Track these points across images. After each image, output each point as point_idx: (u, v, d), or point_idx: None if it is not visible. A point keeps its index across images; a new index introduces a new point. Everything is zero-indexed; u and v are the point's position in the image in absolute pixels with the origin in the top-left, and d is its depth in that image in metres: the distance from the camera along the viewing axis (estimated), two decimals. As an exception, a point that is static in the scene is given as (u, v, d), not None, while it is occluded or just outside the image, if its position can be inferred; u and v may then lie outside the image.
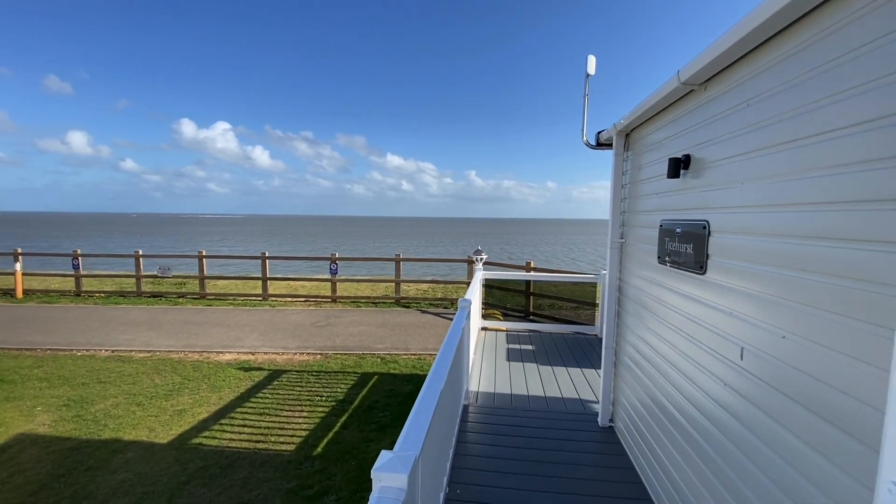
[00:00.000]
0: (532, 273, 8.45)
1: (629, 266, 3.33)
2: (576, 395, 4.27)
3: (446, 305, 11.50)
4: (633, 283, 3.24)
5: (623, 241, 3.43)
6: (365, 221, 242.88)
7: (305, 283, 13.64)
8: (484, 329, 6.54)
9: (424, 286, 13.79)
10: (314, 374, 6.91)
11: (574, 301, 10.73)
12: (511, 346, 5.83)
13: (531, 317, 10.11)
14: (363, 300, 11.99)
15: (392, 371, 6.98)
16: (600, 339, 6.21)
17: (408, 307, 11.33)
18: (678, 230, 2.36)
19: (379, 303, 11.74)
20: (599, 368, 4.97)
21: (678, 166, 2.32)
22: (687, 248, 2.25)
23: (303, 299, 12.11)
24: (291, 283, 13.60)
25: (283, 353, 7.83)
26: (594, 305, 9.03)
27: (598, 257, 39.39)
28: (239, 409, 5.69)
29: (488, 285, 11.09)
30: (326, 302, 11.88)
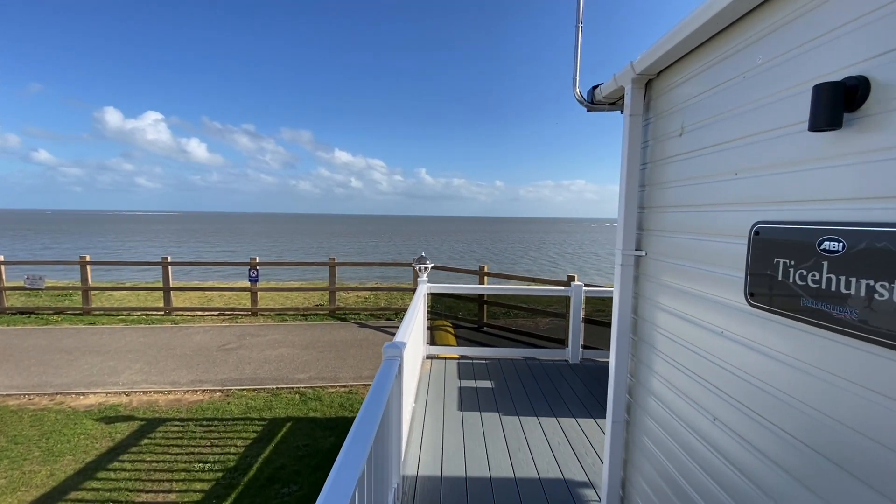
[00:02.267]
0: (490, 287, 7.04)
1: (656, 296, 2.05)
2: (558, 472, 2.99)
3: (389, 316, 10.00)
4: (664, 324, 1.97)
5: (642, 253, 2.14)
6: (312, 219, 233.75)
7: (224, 292, 11.61)
8: (430, 358, 5.16)
9: (365, 293, 12.19)
10: (205, 423, 5.19)
11: (536, 311, 9.60)
12: (465, 382, 4.48)
13: (485, 328, 8.88)
14: (290, 312, 10.20)
15: (312, 414, 5.41)
16: (571, 366, 5.03)
17: (344, 319, 9.71)
18: (837, 245, 1.07)
19: (310, 315, 10.01)
20: (581, 417, 3.74)
21: (837, 103, 1.03)
22: (874, 286, 0.97)
23: (216, 313, 10.12)
24: (206, 293, 11.51)
25: (169, 392, 6.01)
26: (560, 317, 7.92)
27: (558, 256, 39.31)
28: (73, 495, 3.91)
29: (437, 299, 9.72)
30: (245, 315, 9.98)
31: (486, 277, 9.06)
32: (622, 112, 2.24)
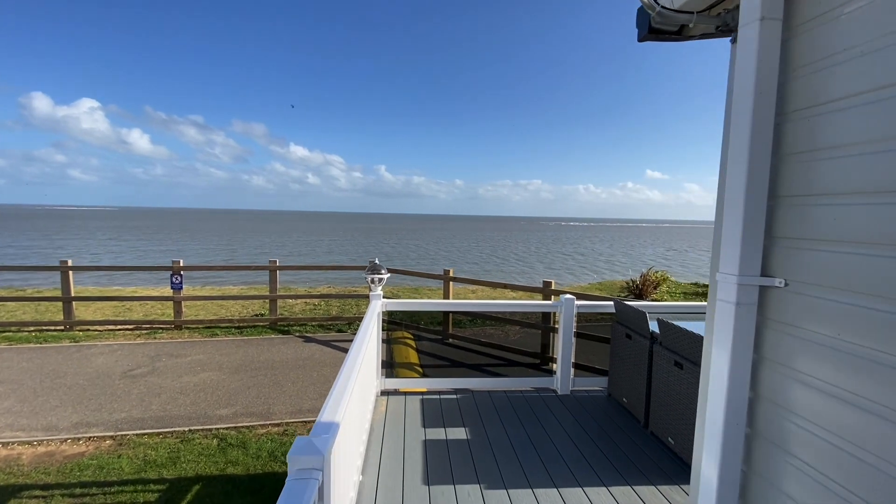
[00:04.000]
0: (460, 303, 5.81)
1: (802, 363, 1.07)
2: None
3: (341, 328, 8.76)
4: (818, 415, 0.99)
5: (779, 283, 1.14)
6: (266, 216, 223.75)
7: (147, 301, 9.90)
8: (387, 394, 4.05)
9: (314, 300, 10.84)
10: (78, 491, 3.84)
11: (506, 320, 8.68)
12: (431, 432, 3.41)
13: (450, 339, 7.87)
14: (223, 325, 8.73)
15: (231, 469, 4.17)
16: (561, 399, 4.09)
17: (287, 332, 8.38)
18: None
19: (246, 328, 8.59)
20: (589, 485, 2.78)
21: None
22: None
23: (131, 327, 8.49)
24: (123, 303, 9.77)
25: (40, 442, 4.56)
26: (532, 326, 7.00)
27: (525, 254, 38.87)
28: None
29: (394, 320, 8.60)
30: (166, 329, 8.41)
31: (451, 283, 8.03)
32: (711, 34, 1.27)
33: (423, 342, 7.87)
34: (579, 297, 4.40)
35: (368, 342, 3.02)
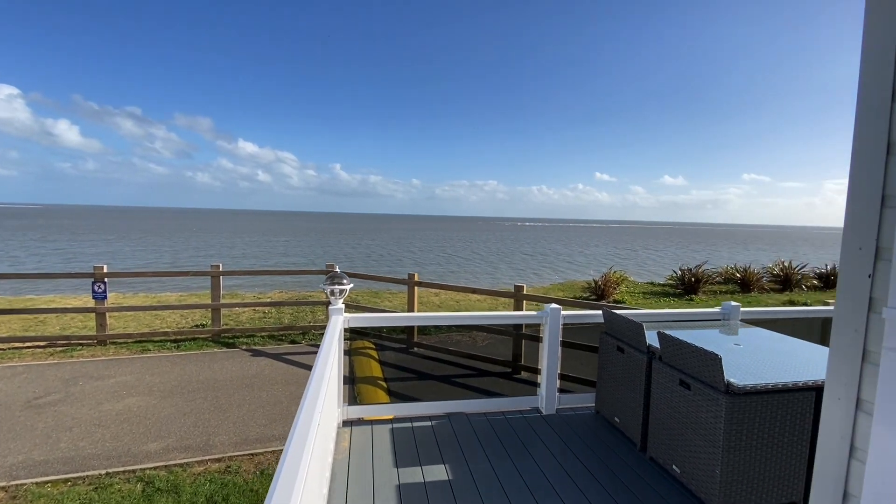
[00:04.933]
0: (437, 316, 5.09)
1: None
2: None
3: (295, 338, 7.99)
4: None
5: None
6: (212, 215, 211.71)
7: (65, 314, 8.63)
8: (349, 424, 3.47)
9: (264, 308, 9.93)
10: (-56, 569, 2.99)
11: (474, 326, 8.27)
12: (405, 472, 2.88)
13: (416, 348, 7.34)
14: (157, 338, 7.72)
15: (156, 523, 3.44)
16: (546, 420, 3.69)
17: (232, 345, 7.51)
18: None
19: (184, 342, 7.63)
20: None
21: None
22: None
23: (43, 344, 7.31)
24: (32, 315, 8.46)
25: None
26: (501, 333, 6.60)
27: (488, 254, 38.69)
28: None
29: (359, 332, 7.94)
30: (87, 346, 7.30)
31: (416, 288, 7.51)
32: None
33: (386, 352, 7.29)
34: (557, 302, 4.01)
35: (330, 370, 2.46)
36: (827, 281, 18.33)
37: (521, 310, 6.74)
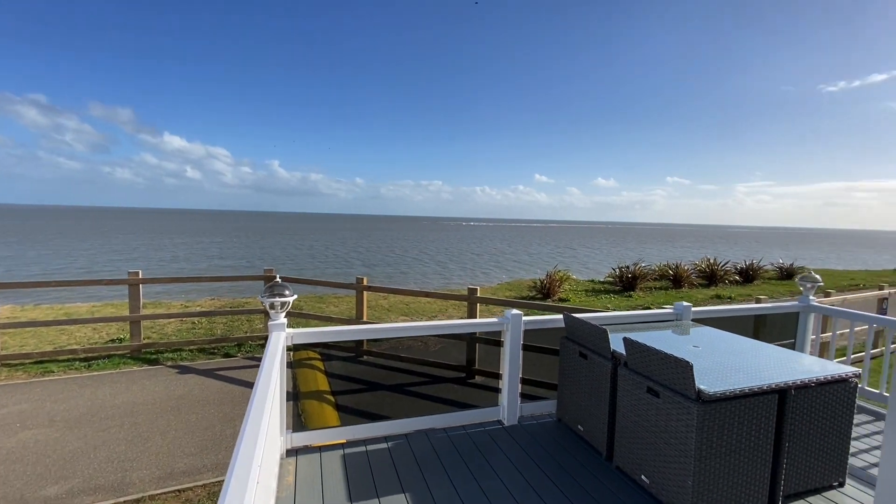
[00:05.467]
0: (390, 327, 4.07)
1: None
2: None
3: (229, 351, 7.30)
4: None
5: None
6: (134, 214, 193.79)
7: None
8: (294, 453, 3.08)
9: (193, 319, 9.03)
10: None
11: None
12: None
13: (365, 356, 6.95)
14: (62, 357, 6.71)
15: (53, 590, 2.85)
16: (508, 431, 3.52)
17: (154, 362, 6.70)
18: None
19: (95, 360, 6.69)
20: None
21: None
22: None
23: None
24: None
25: None
26: (455, 337, 6.38)
27: (437, 253, 38.28)
28: None
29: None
30: (-29, 371, 6.18)
31: (365, 293, 7.11)
32: None
33: (333, 363, 6.84)
34: (511, 304, 3.86)
35: (272, 395, 2.10)
36: (746, 276, 20.06)
37: (475, 313, 6.59)
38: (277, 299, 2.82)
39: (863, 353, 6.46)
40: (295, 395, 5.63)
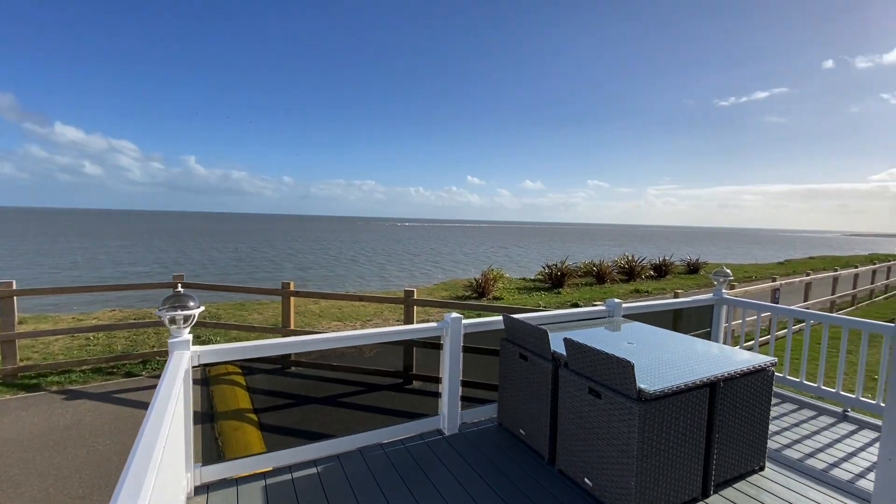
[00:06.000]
0: (313, 339, 3.18)
1: None
2: None
3: (131, 370, 6.40)
4: None
5: None
6: (18, 214, 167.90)
7: None
8: (206, 490, 2.65)
9: (87, 335, 7.85)
10: None
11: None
12: None
13: (292, 368, 6.45)
14: None
15: None
16: (449, 442, 3.34)
17: (35, 388, 5.68)
18: None
19: (-46, 389, 5.52)
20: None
21: None
22: None
23: None
24: None
25: None
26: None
27: (373, 254, 37.06)
28: None
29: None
30: None
31: (292, 299, 6.59)
32: None
33: (256, 376, 6.25)
34: (468, 316, 3.71)
35: (168, 426, 1.72)
36: (660, 271, 21.80)
37: (412, 315, 6.37)
38: (179, 312, 2.39)
39: (765, 338, 7.17)
40: (211, 417, 5.03)
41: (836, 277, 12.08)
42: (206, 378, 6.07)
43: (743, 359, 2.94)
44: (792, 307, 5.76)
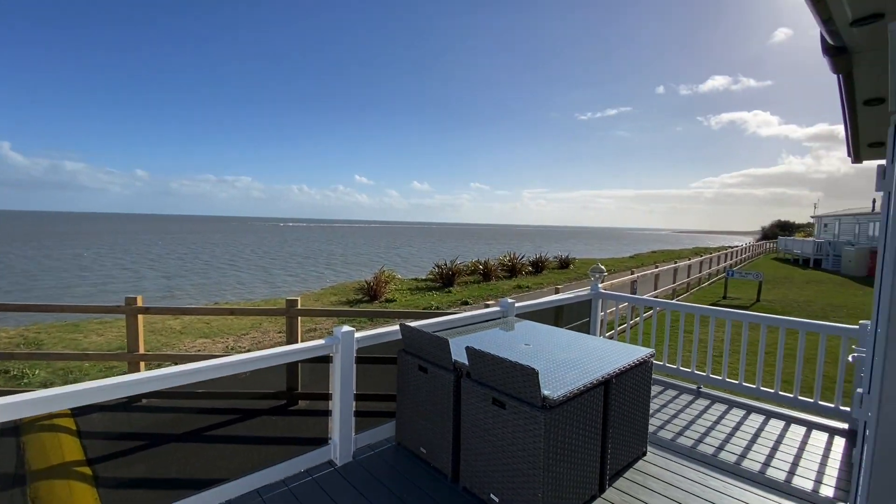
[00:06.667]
0: (152, 374, 1.97)
1: None
2: None
3: None
4: None
5: None
6: None
7: None
8: None
9: None
10: None
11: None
12: None
13: (144, 399, 5.33)
14: None
15: None
16: (342, 472, 2.95)
17: None
18: None
19: None
20: None
21: None
22: None
23: None
24: None
25: None
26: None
27: (255, 257, 33.07)
28: None
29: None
30: None
31: (140, 317, 5.44)
32: None
33: (93, 416, 5.02)
34: (361, 328, 3.33)
35: None
36: (537, 267, 23.64)
37: (297, 327, 5.73)
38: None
39: (624, 325, 8.05)
40: (23, 480, 3.85)
41: (675, 269, 14.31)
42: (16, 426, 4.67)
43: (629, 352, 3.10)
44: (646, 297, 6.53)
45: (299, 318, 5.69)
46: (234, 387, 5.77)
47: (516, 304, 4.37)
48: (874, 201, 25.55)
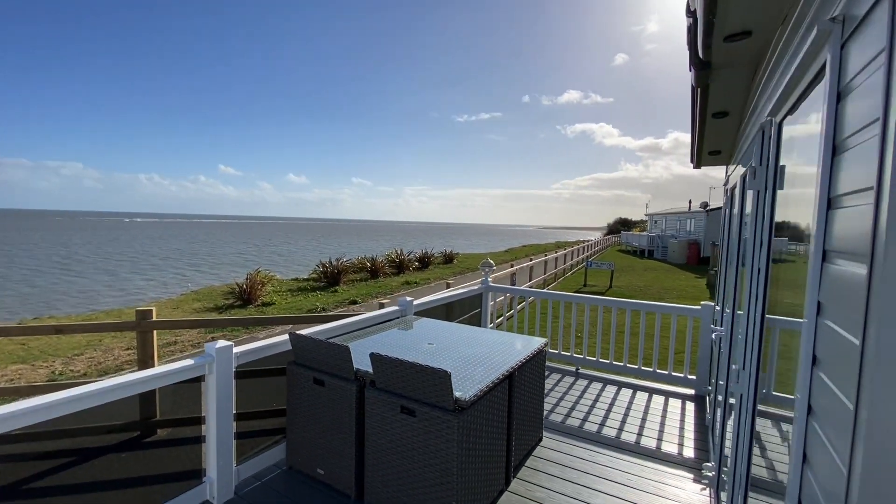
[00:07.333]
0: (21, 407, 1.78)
1: None
2: None
3: None
4: None
5: None
6: None
7: None
8: None
9: None
10: None
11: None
12: None
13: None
14: None
15: None
16: (224, 510, 2.51)
17: None
18: None
19: None
20: None
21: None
22: None
23: None
24: None
25: None
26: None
27: (95, 258, 26.57)
28: None
29: None
30: None
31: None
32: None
33: None
34: (239, 342, 2.87)
35: None
36: (423, 263, 23.98)
37: (152, 342, 4.81)
38: None
39: (511, 313, 8.56)
40: None
41: (545, 261, 15.75)
42: None
43: (526, 343, 3.21)
44: (524, 287, 7.01)
45: (154, 332, 4.78)
46: (66, 423, 4.61)
47: (414, 302, 4.27)
48: (690, 202, 31.57)
